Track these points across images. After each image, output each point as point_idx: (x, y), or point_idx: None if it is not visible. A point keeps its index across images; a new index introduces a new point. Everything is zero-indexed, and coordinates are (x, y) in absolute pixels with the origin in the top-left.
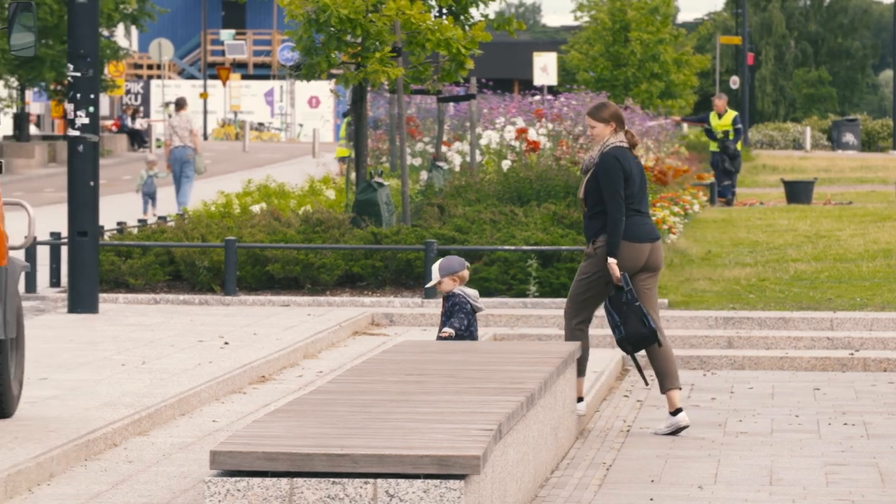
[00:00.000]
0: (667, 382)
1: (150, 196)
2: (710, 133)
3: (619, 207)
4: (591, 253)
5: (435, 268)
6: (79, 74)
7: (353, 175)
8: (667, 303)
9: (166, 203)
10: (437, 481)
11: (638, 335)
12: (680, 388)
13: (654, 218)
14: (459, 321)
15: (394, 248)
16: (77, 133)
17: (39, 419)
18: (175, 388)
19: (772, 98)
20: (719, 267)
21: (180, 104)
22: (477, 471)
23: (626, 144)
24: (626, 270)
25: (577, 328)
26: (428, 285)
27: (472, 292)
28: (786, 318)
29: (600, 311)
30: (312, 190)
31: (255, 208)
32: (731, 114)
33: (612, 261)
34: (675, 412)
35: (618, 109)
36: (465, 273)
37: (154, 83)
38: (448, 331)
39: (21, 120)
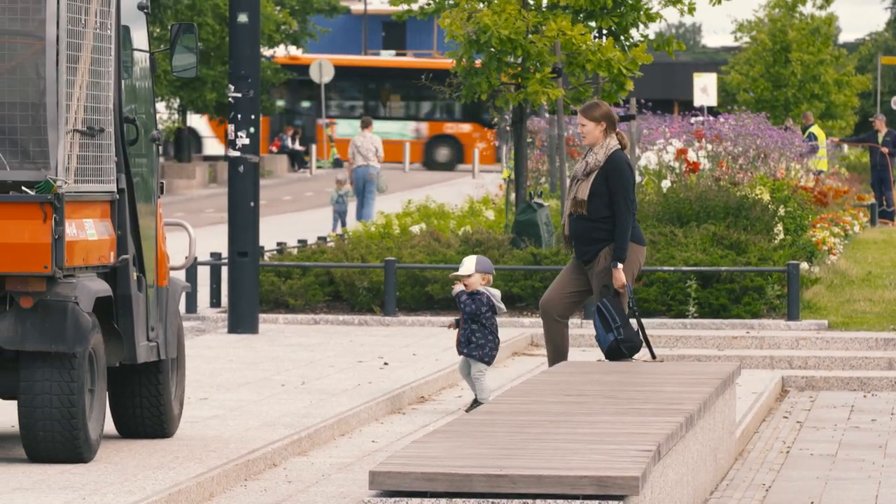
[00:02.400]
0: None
1: (340, 214)
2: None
3: (630, 211)
4: (605, 267)
5: (471, 261)
6: (239, 95)
7: (512, 196)
8: (826, 323)
9: (348, 219)
10: (595, 502)
11: (632, 343)
12: None
13: (813, 239)
14: (486, 318)
15: (553, 268)
16: (238, 154)
17: (200, 439)
18: (334, 408)
19: None
20: (880, 288)
21: (366, 123)
22: (636, 492)
23: (620, 146)
24: (632, 274)
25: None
26: (454, 275)
27: (496, 293)
28: None
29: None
30: (472, 210)
31: (415, 229)
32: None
33: (620, 266)
34: None
35: (610, 110)
36: (492, 277)
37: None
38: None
39: (182, 141)
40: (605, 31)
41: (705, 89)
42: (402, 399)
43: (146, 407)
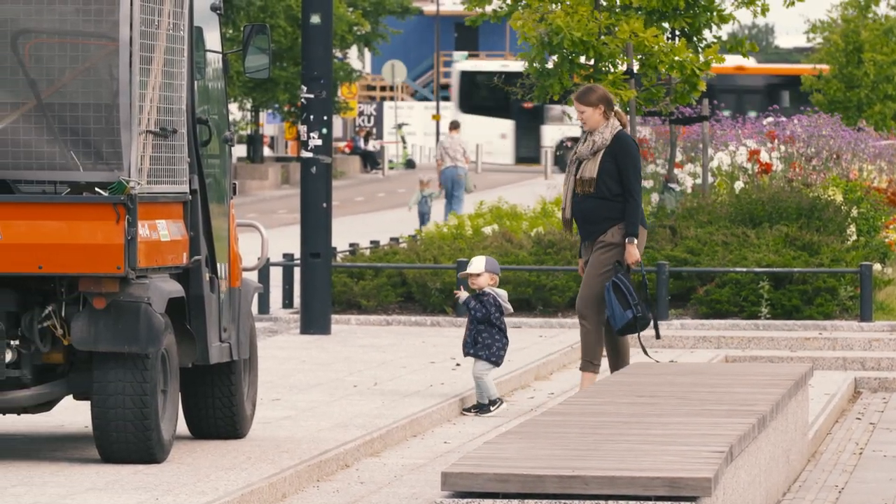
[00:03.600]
0: (622, 363)
1: (423, 215)
2: None
3: (640, 190)
4: (613, 243)
5: (480, 260)
6: (312, 96)
7: None
8: None
9: (437, 219)
10: (668, 503)
11: (647, 320)
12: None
13: (886, 240)
14: (496, 318)
15: None
16: (310, 154)
17: (272, 440)
18: (407, 409)
19: None
20: None
21: (454, 126)
22: (708, 493)
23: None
24: (640, 253)
25: (601, 323)
26: (464, 273)
27: (503, 293)
28: None
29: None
30: (544, 212)
31: (487, 230)
32: None
33: (635, 242)
34: None
35: (606, 92)
36: (498, 279)
37: (387, 105)
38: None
39: (255, 142)
40: (677, 33)
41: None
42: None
43: (219, 408)
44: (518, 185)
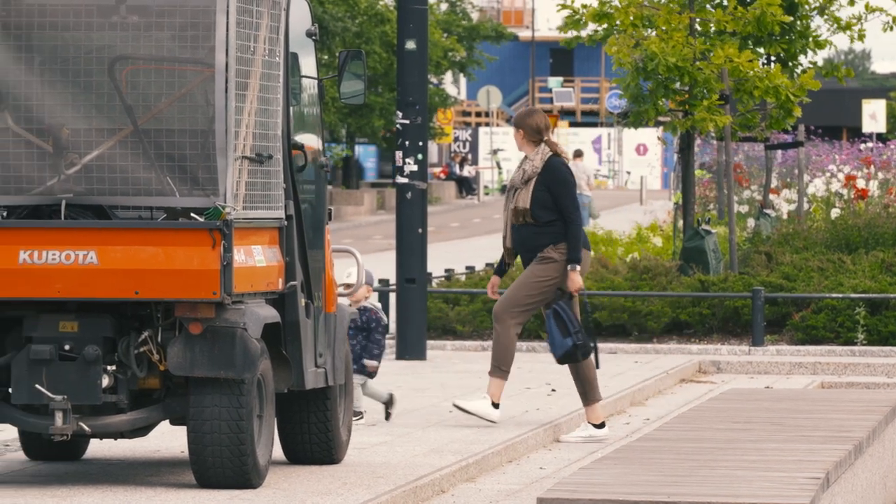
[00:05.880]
0: (592, 395)
1: None
2: None
3: (579, 214)
4: (552, 258)
5: (362, 272)
6: (407, 122)
7: (680, 222)
8: None
9: None
10: None
11: (587, 348)
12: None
13: None
14: (380, 347)
15: (721, 295)
16: (405, 180)
17: (367, 465)
18: (502, 434)
19: None
20: None
21: (578, 154)
22: None
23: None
24: (582, 278)
25: (515, 330)
26: (344, 283)
27: (379, 306)
28: None
29: None
30: (640, 237)
31: None
32: None
33: (577, 268)
34: (601, 425)
35: (537, 118)
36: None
37: (482, 130)
38: (375, 364)
39: (350, 167)
40: (772, 58)
41: (874, 115)
42: (570, 425)
43: (314, 433)
44: (613, 210)
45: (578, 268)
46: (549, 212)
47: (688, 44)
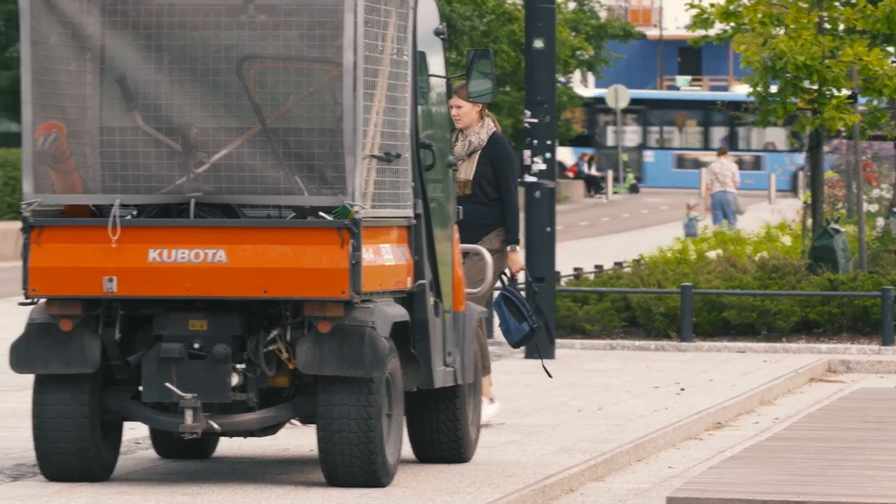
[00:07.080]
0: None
1: (691, 237)
2: None
3: (517, 194)
4: (489, 249)
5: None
6: (536, 121)
7: (809, 221)
8: None
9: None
10: None
11: (541, 330)
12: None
13: None
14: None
15: (850, 294)
16: (534, 179)
17: (497, 464)
18: (631, 433)
19: None
20: None
21: (722, 151)
22: None
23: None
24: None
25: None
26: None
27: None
28: None
29: None
30: (769, 236)
31: (712, 254)
32: None
33: (517, 248)
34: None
35: None
36: None
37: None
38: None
39: None
40: None
41: None
42: (699, 425)
43: (443, 432)
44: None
45: (517, 248)
46: (492, 188)
47: (816, 42)
